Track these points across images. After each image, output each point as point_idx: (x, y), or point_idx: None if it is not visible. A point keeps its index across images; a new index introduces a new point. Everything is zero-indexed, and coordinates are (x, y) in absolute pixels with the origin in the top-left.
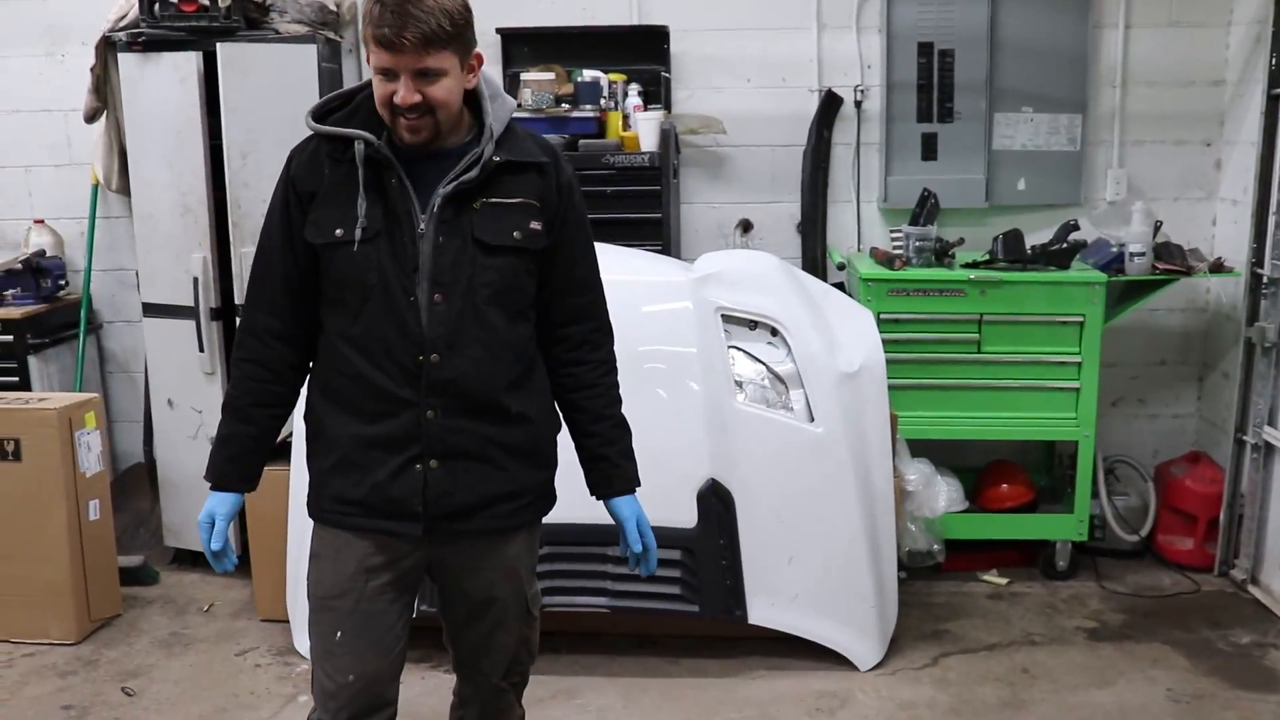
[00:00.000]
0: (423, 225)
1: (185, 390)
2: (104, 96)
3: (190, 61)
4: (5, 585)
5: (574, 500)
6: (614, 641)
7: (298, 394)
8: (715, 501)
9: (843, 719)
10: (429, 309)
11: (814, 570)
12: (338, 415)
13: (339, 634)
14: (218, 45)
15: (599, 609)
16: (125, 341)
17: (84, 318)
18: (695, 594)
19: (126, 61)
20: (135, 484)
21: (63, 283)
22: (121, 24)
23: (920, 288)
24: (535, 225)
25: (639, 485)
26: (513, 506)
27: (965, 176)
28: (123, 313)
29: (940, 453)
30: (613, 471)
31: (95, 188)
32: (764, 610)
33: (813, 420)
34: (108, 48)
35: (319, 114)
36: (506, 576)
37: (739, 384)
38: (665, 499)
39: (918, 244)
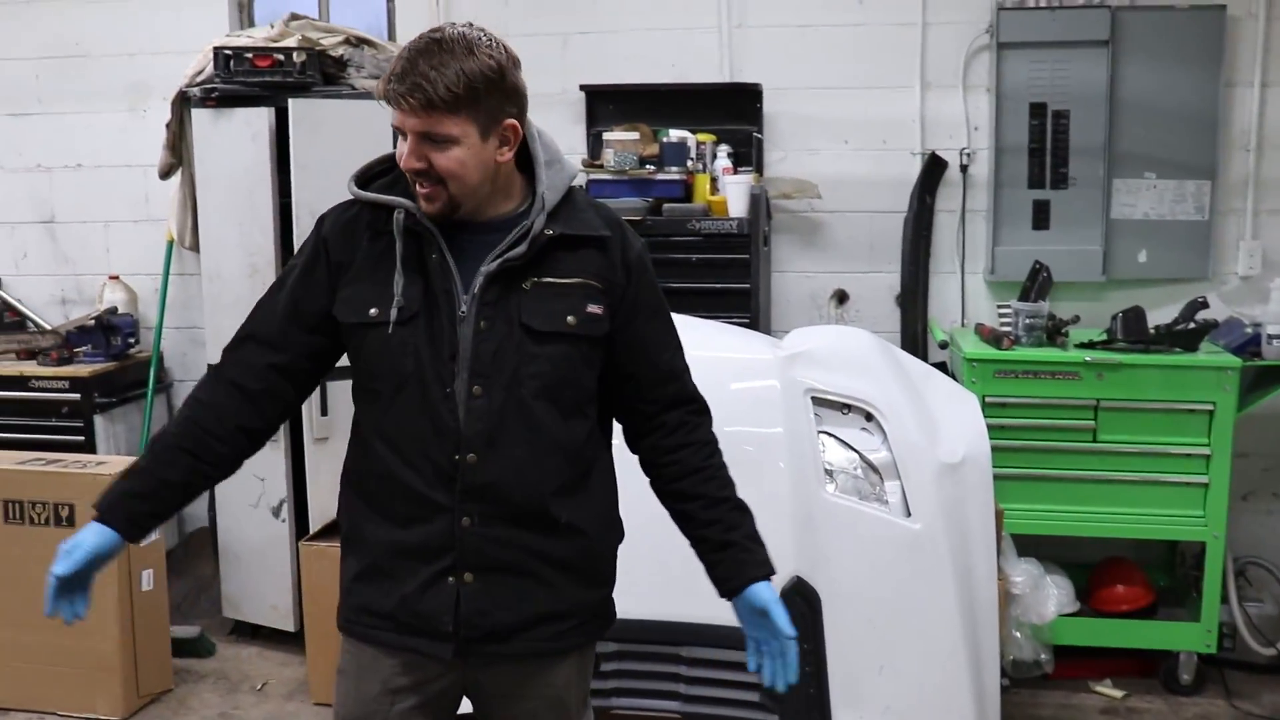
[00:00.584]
0: (464, 307)
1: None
2: (179, 153)
3: (262, 118)
4: (53, 656)
5: (645, 594)
6: None
7: (236, 464)
8: (800, 601)
9: None
10: (467, 403)
11: (908, 680)
12: (369, 517)
13: None
14: (289, 101)
15: (669, 715)
16: None
17: (153, 376)
18: (776, 702)
19: (200, 117)
20: (199, 549)
21: (133, 340)
22: (198, 79)
23: (1030, 370)
24: (594, 309)
25: (774, 572)
26: (559, 628)
27: (1081, 248)
28: (194, 372)
29: (1050, 550)
30: (744, 557)
31: (170, 244)
32: None
33: (909, 515)
34: (183, 103)
35: (363, 178)
36: (552, 708)
37: (829, 473)
38: None
39: (1028, 321)
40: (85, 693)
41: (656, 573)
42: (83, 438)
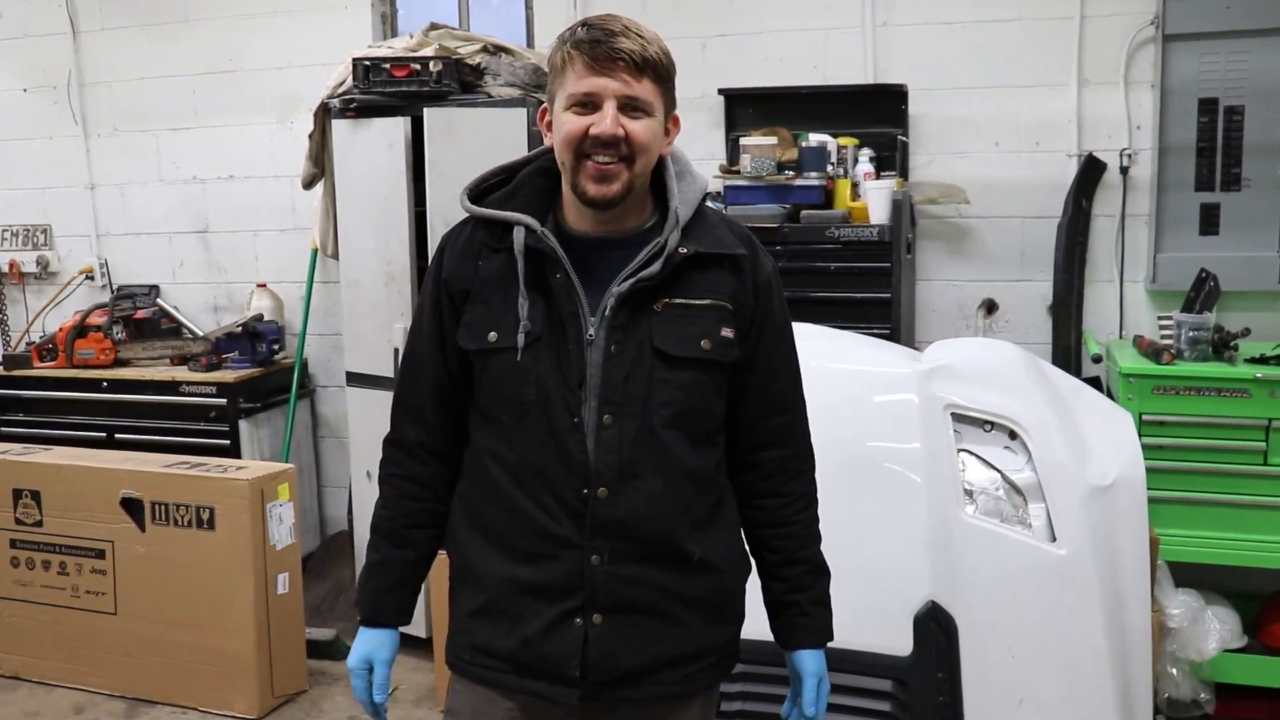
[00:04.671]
0: (591, 330)
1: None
2: (321, 163)
3: (398, 127)
4: (193, 654)
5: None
6: None
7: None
8: (935, 628)
9: None
10: (597, 433)
11: (1050, 715)
12: (487, 552)
13: None
14: (424, 110)
15: None
16: (337, 407)
17: (296, 382)
18: None
19: (339, 128)
20: (339, 551)
21: (277, 347)
22: (339, 91)
23: (1193, 386)
24: (727, 332)
25: (831, 639)
26: (690, 670)
27: (1253, 254)
28: (336, 378)
29: (1213, 580)
30: (801, 620)
31: (314, 253)
32: None
33: (1055, 540)
34: (325, 115)
35: (476, 192)
36: None
37: (969, 493)
38: (877, 620)
39: (1192, 334)
40: (223, 690)
41: None
42: (228, 441)
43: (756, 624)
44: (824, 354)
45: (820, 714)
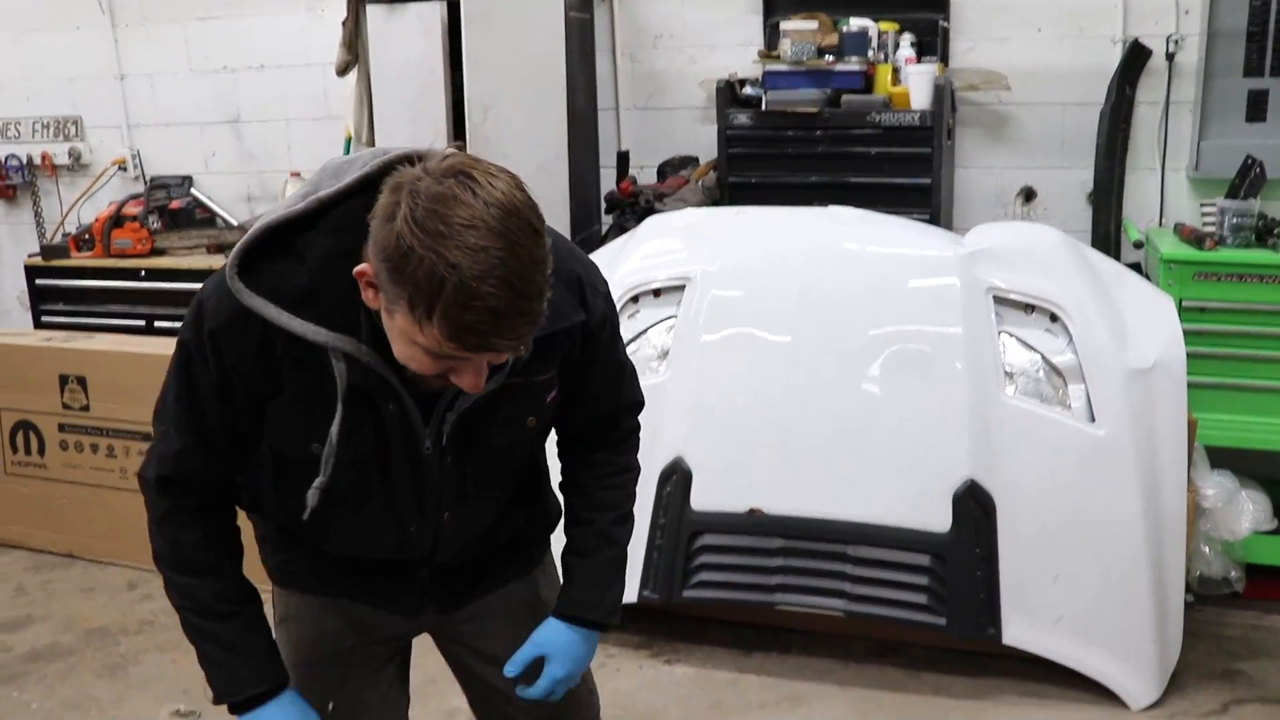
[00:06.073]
0: (428, 443)
1: None
2: (354, 50)
3: (434, 13)
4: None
5: (811, 494)
6: (849, 646)
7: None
8: (973, 506)
9: None
10: (437, 529)
11: (1084, 591)
12: (308, 550)
13: (330, 705)
14: None
15: (834, 613)
16: None
17: None
18: (943, 605)
19: (375, 14)
20: None
21: None
22: None
23: (1235, 272)
24: (552, 395)
25: (601, 622)
26: (521, 563)
27: None
28: None
29: (1247, 464)
30: (568, 587)
31: (348, 141)
32: (1021, 631)
33: (1094, 420)
34: (359, 1)
35: (254, 267)
36: (527, 607)
37: (1009, 375)
38: (917, 499)
39: (1235, 220)
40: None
41: (823, 472)
42: None
43: (793, 499)
44: (865, 237)
45: (549, 695)
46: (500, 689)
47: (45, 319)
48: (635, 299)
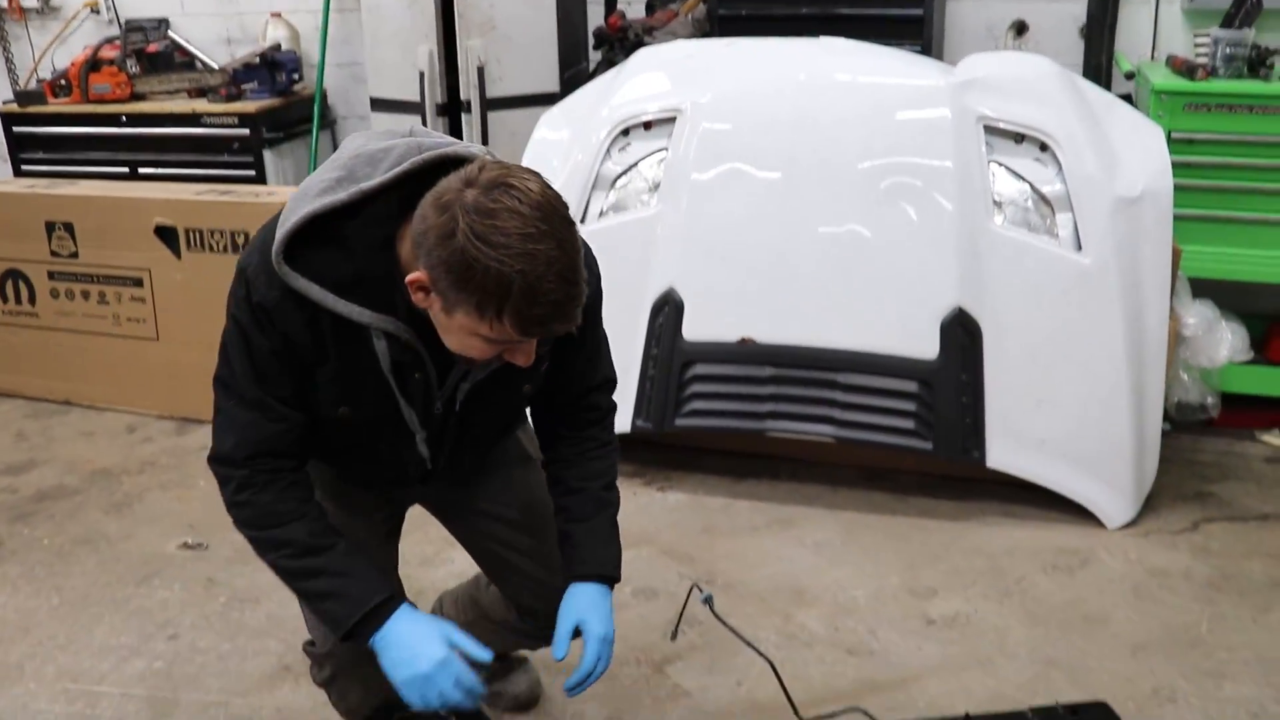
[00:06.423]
0: (439, 405)
1: None
2: None
3: None
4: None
5: (801, 323)
6: (838, 472)
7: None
8: (960, 332)
9: (1083, 579)
10: (433, 465)
11: (1066, 415)
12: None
13: None
14: None
15: (824, 438)
16: None
17: (317, 112)
18: (930, 430)
19: None
20: None
21: (296, 77)
22: None
23: (1225, 103)
24: (546, 364)
25: (616, 575)
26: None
27: None
28: (356, 108)
29: (1228, 296)
30: (573, 552)
31: None
32: (1005, 454)
33: (1080, 249)
34: None
35: (299, 253)
36: (519, 462)
37: (998, 204)
38: (906, 326)
39: (1228, 50)
40: None
41: (814, 302)
42: (253, 172)
43: (783, 328)
44: (857, 68)
45: (598, 673)
46: (499, 536)
47: (25, 167)
48: (626, 132)
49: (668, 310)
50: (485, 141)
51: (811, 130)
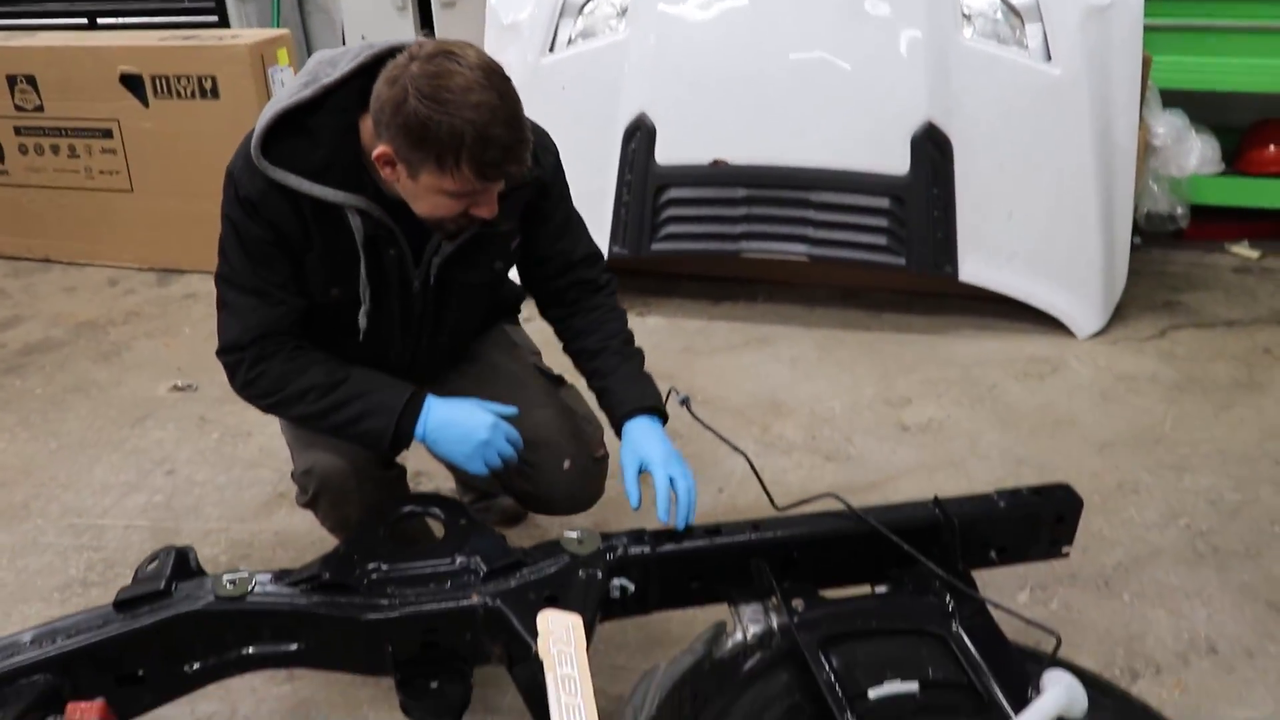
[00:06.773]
0: (416, 284)
1: (376, 29)
2: None
3: None
4: (212, 223)
5: (773, 143)
6: (813, 293)
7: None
8: (931, 147)
9: (1053, 385)
10: (417, 350)
11: (1036, 227)
12: None
13: None
14: None
15: (797, 257)
16: None
17: None
18: (903, 245)
19: None
20: None
21: None
22: None
23: None
24: (516, 241)
25: (663, 408)
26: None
27: None
28: None
29: (1198, 107)
30: (611, 398)
31: None
32: (977, 267)
33: (1050, 60)
34: None
35: (273, 147)
36: (498, 347)
37: (967, 16)
38: (876, 143)
39: None
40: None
41: (785, 121)
42: (216, 18)
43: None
44: None
45: (689, 512)
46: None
47: None
48: None
49: (640, 136)
50: None
51: None
